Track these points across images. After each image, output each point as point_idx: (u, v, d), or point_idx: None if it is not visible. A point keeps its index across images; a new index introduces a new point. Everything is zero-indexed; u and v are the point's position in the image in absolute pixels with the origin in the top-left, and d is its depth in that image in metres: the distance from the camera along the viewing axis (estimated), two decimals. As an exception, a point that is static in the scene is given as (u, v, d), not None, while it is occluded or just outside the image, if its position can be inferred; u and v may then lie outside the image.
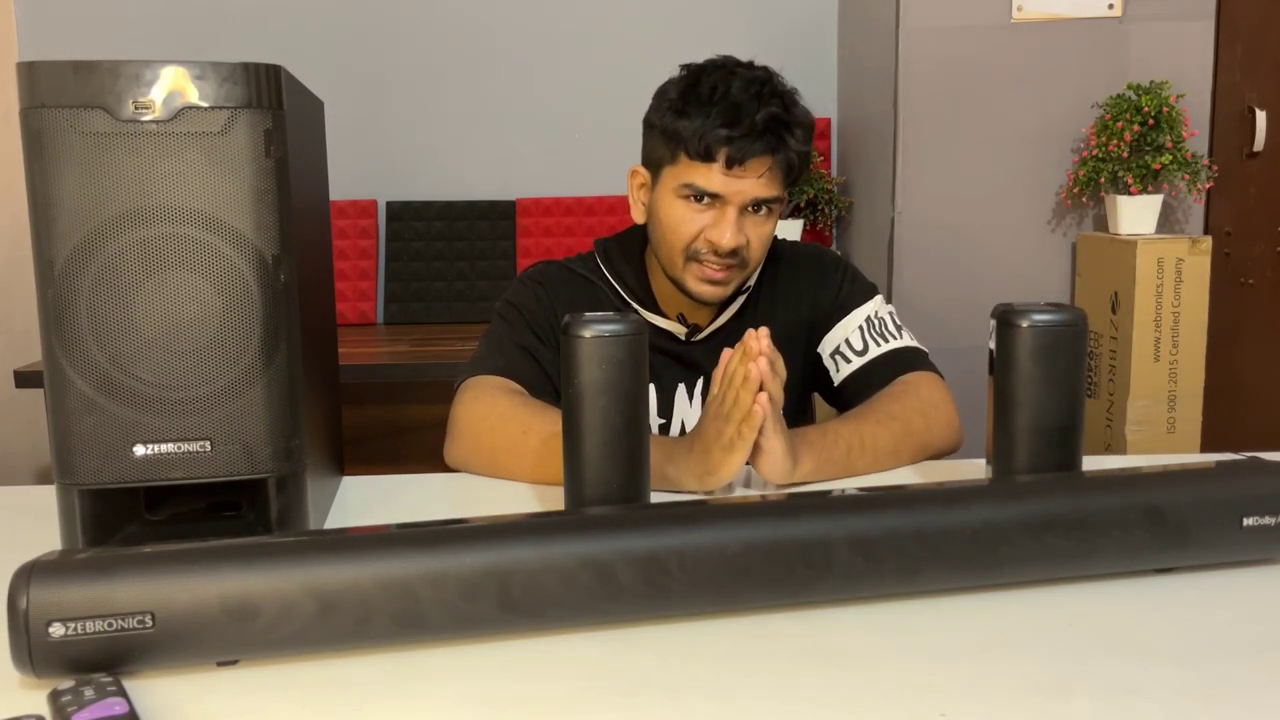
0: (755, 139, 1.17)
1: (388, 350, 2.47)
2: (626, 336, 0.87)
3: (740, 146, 1.16)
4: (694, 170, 1.19)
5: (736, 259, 1.22)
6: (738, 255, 1.22)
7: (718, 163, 1.18)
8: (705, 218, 1.21)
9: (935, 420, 1.19)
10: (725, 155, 1.17)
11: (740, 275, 1.25)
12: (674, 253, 1.24)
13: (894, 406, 1.18)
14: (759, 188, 1.19)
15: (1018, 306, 0.93)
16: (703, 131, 1.17)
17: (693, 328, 1.32)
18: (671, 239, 1.24)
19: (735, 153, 1.17)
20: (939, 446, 1.20)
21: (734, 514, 0.78)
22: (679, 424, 1.33)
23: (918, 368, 1.26)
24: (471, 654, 0.73)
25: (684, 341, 1.33)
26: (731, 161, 1.17)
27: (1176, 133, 2.22)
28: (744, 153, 1.17)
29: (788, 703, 0.66)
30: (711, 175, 1.18)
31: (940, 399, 1.22)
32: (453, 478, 1.20)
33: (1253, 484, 0.85)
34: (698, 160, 1.18)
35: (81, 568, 0.68)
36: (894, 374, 1.25)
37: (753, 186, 1.19)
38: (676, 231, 1.23)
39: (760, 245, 1.24)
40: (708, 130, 1.16)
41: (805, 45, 2.86)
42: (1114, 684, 0.68)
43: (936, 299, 2.39)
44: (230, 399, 0.84)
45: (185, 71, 0.81)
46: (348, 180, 2.79)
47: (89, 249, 0.81)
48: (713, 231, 1.20)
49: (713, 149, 1.17)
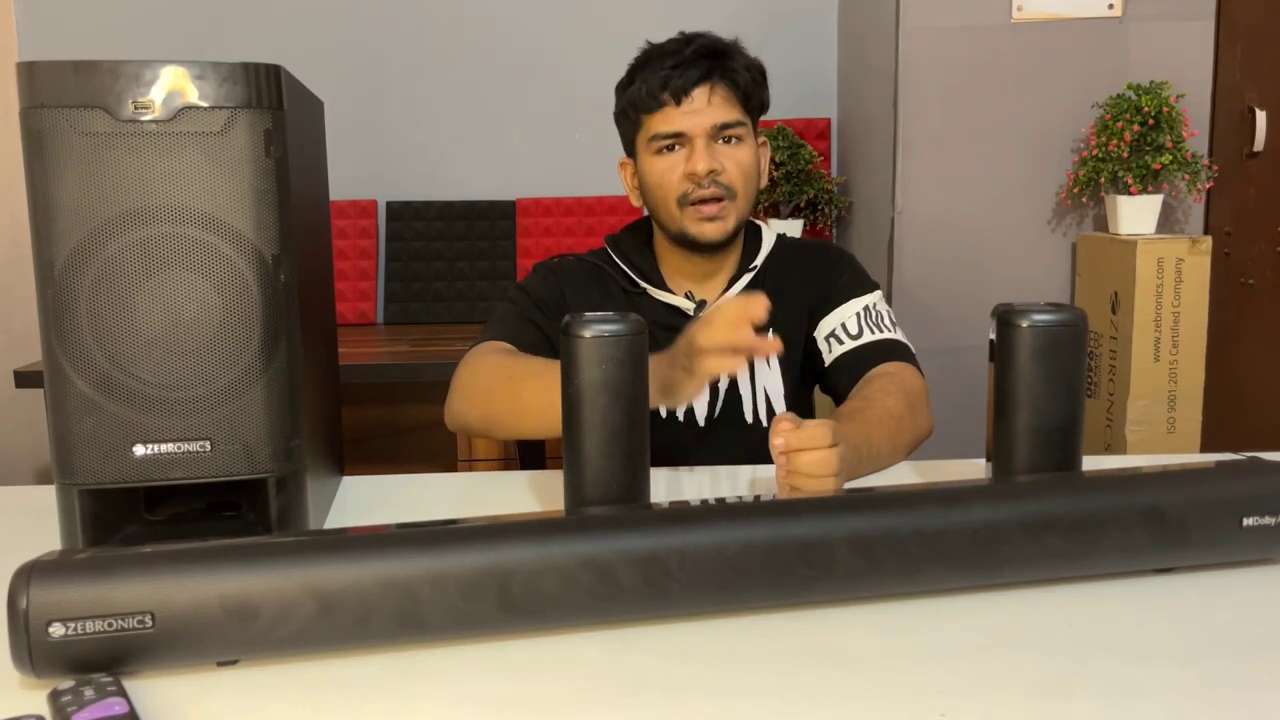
0: (691, 67, 1.26)
1: (388, 350, 2.47)
2: (626, 336, 0.87)
3: (680, 77, 1.26)
4: (653, 121, 1.29)
5: (722, 189, 1.28)
6: (720, 185, 1.28)
7: (669, 104, 1.27)
8: (679, 159, 1.29)
9: (918, 413, 1.23)
10: (670, 92, 1.27)
11: (734, 208, 1.31)
12: (669, 206, 1.30)
13: (886, 402, 1.20)
14: (717, 113, 1.27)
15: (1018, 306, 0.93)
16: (646, 83, 1.28)
17: (700, 304, 1.36)
18: (661, 194, 1.30)
19: (677, 86, 1.26)
20: (922, 437, 1.24)
21: (734, 514, 0.78)
22: (685, 404, 1.35)
23: (902, 360, 1.30)
24: (471, 654, 0.73)
25: (693, 317, 1.36)
26: (678, 94, 1.26)
27: (1176, 133, 2.22)
28: (686, 82, 1.26)
29: (788, 703, 0.66)
30: (668, 116, 1.27)
31: (919, 389, 1.27)
32: (453, 478, 1.20)
33: (1253, 484, 0.85)
34: (654, 110, 1.28)
35: (81, 568, 0.68)
36: (881, 360, 1.29)
37: (710, 114, 1.27)
38: (662, 184, 1.30)
39: (739, 170, 1.30)
40: (649, 80, 1.28)
41: (805, 45, 2.86)
42: (1114, 684, 0.68)
43: (936, 299, 2.39)
44: (230, 399, 0.84)
45: (185, 71, 0.81)
46: (348, 180, 2.79)
47: (89, 249, 0.81)
48: (688, 165, 1.28)
49: (658, 92, 1.27)
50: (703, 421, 1.36)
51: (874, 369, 1.28)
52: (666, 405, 1.10)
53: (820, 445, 0.96)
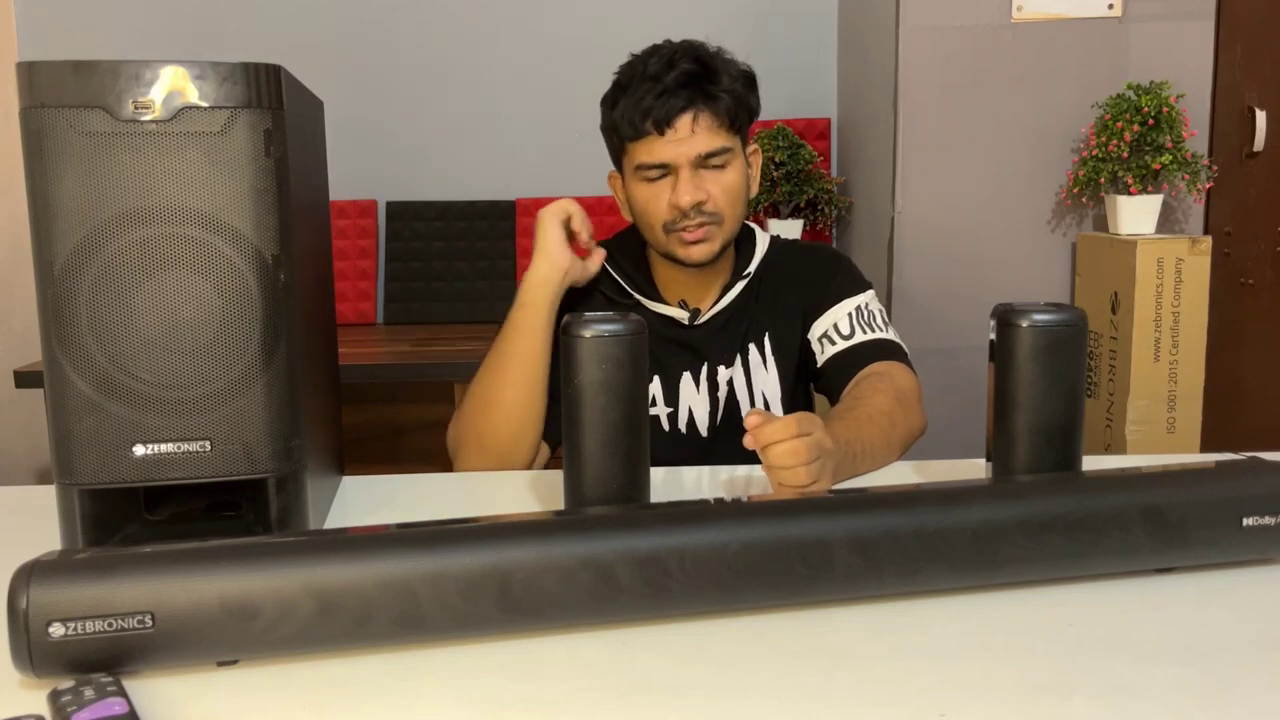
0: (673, 96, 1.23)
1: (388, 350, 2.47)
2: (626, 336, 0.87)
3: (661, 109, 1.23)
4: (637, 149, 1.27)
5: (707, 215, 1.27)
6: (705, 214, 1.27)
7: (651, 134, 1.24)
8: (664, 188, 1.27)
9: (911, 411, 1.24)
10: (652, 122, 1.24)
11: (720, 231, 1.29)
12: (655, 231, 1.30)
13: (877, 400, 1.21)
14: (699, 143, 1.25)
15: (1018, 306, 0.93)
16: (629, 111, 1.25)
17: (694, 312, 1.36)
18: (647, 219, 1.30)
19: (660, 117, 1.23)
20: (915, 435, 1.25)
21: (734, 514, 0.78)
22: (685, 412, 1.36)
23: (895, 360, 1.31)
24: (471, 654, 0.73)
25: (687, 327, 1.36)
26: (661, 125, 1.24)
27: (1176, 133, 2.22)
28: (668, 113, 1.23)
29: (788, 703, 0.66)
30: (651, 146, 1.25)
31: (912, 387, 1.28)
32: (453, 478, 1.20)
33: (1253, 484, 0.85)
34: (637, 138, 1.26)
35: (81, 568, 0.68)
36: (872, 360, 1.30)
37: (691, 144, 1.24)
38: (648, 211, 1.29)
39: (725, 195, 1.28)
40: (632, 108, 1.24)
41: (805, 45, 2.86)
42: (1114, 684, 0.68)
43: (936, 299, 2.39)
44: (230, 399, 0.84)
45: (185, 71, 0.81)
46: (348, 180, 2.79)
47: (89, 249, 0.81)
48: (672, 197, 1.26)
49: (639, 123, 1.24)
50: (705, 431, 1.36)
51: (865, 368, 1.29)
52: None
53: (788, 436, 0.97)
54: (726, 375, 1.36)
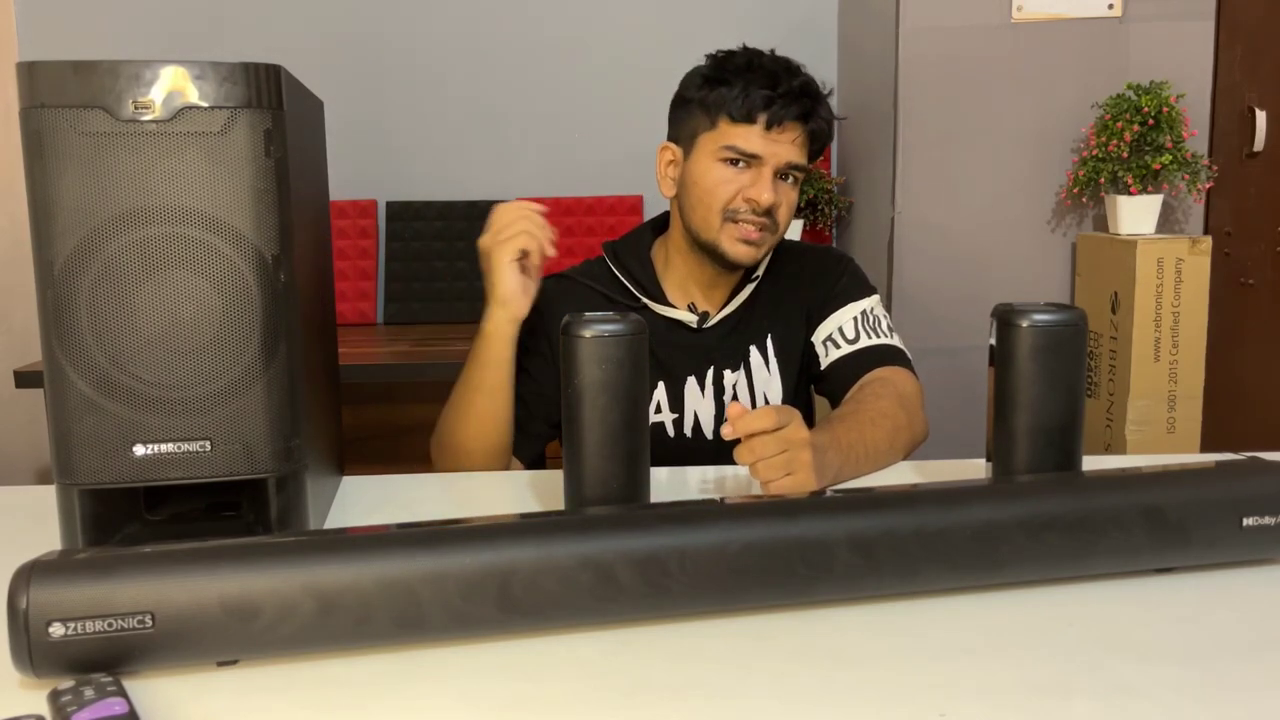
0: (792, 102, 1.25)
1: (388, 350, 2.47)
2: (626, 336, 0.87)
3: (780, 108, 1.24)
4: (735, 132, 1.26)
5: (770, 220, 1.28)
6: (771, 216, 1.28)
7: (758, 124, 1.25)
8: (744, 178, 1.27)
9: (914, 416, 1.24)
10: (766, 117, 1.25)
11: (770, 239, 1.31)
12: (711, 214, 1.29)
13: (881, 404, 1.21)
14: (793, 152, 1.27)
15: (1018, 306, 0.93)
16: (744, 95, 1.25)
17: (703, 315, 1.35)
18: (710, 200, 1.29)
19: (775, 114, 1.25)
20: (917, 440, 1.25)
21: (734, 514, 0.78)
22: (691, 416, 1.36)
23: (898, 365, 1.31)
24: (471, 654, 0.73)
25: (695, 330, 1.36)
26: (771, 123, 1.25)
27: (1176, 133, 2.22)
28: (783, 114, 1.25)
29: (788, 703, 0.66)
30: (751, 136, 1.26)
31: (914, 393, 1.28)
32: (453, 478, 1.20)
33: (1253, 484, 0.85)
34: (740, 123, 1.26)
35: (81, 568, 0.68)
36: (876, 365, 1.30)
37: (788, 150, 1.27)
38: (715, 193, 1.28)
39: (787, 212, 1.31)
40: (749, 93, 1.25)
41: (805, 45, 2.86)
42: (1114, 684, 0.68)
43: (936, 299, 2.39)
44: (230, 399, 0.84)
45: (185, 71, 0.81)
46: (348, 180, 2.79)
47: (89, 249, 0.81)
48: (751, 190, 1.26)
49: (754, 111, 1.25)
50: (711, 435, 1.36)
51: (869, 374, 1.29)
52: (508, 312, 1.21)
53: (766, 426, 0.96)
54: (732, 379, 1.36)
